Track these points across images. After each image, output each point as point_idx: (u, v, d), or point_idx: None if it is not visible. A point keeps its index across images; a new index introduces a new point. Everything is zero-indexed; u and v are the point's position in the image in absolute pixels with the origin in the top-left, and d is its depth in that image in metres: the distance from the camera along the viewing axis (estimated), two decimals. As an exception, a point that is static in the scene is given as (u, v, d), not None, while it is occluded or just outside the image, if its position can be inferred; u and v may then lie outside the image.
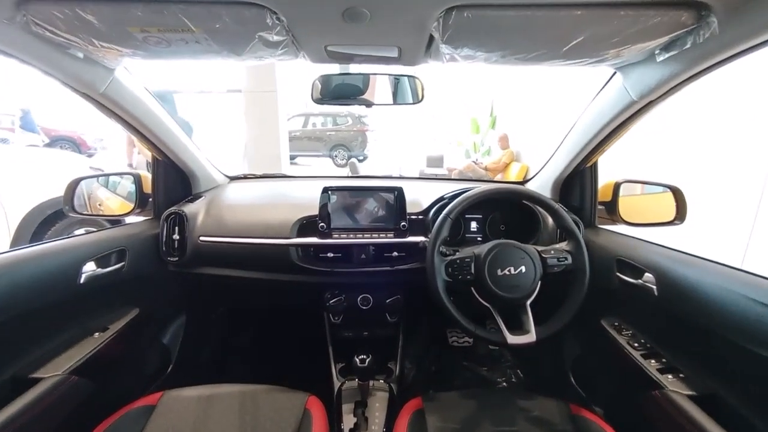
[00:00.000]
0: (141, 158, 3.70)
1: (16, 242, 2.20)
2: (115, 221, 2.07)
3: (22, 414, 0.71)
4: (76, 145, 9.12)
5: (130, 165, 3.69)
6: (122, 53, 0.69)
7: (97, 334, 0.94)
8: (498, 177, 5.80)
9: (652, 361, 0.86)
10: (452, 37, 0.62)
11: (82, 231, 2.57)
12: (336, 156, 9.58)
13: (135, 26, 0.60)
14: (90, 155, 8.95)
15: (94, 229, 2.56)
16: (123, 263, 1.01)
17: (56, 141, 8.86)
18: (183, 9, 0.56)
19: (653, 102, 0.80)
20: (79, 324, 0.92)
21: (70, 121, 8.98)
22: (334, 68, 0.98)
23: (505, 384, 1.46)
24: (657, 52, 0.67)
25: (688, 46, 0.60)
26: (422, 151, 7.91)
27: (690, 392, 0.76)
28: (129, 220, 1.26)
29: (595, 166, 1.15)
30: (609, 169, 1.22)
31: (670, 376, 0.81)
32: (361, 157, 9.40)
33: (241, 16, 0.58)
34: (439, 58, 0.71)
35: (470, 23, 0.58)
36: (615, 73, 0.84)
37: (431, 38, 0.65)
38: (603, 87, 0.91)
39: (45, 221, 2.35)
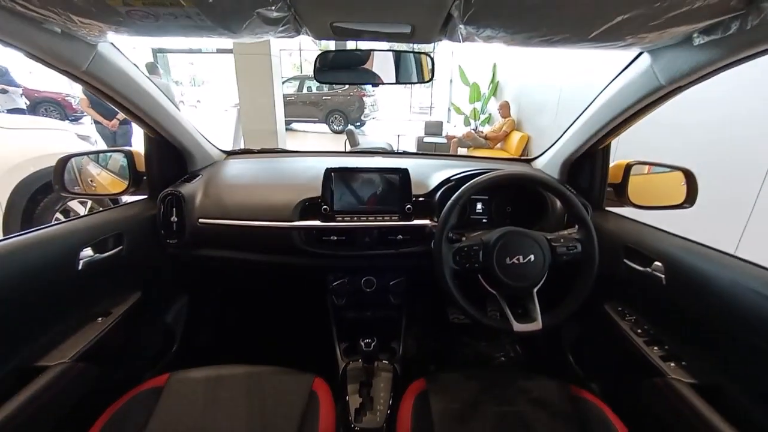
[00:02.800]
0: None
1: (8, 215, 2.15)
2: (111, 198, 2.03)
3: (29, 403, 0.71)
4: (61, 107, 8.74)
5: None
6: (104, 29, 0.62)
7: (100, 319, 0.93)
8: (498, 146, 5.71)
9: (655, 348, 0.87)
10: (474, 17, 0.56)
11: (76, 202, 2.52)
12: (332, 122, 9.33)
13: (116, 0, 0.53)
14: (75, 119, 8.62)
15: (87, 201, 2.51)
16: (121, 247, 0.99)
17: (39, 103, 8.47)
18: None
19: (681, 87, 0.75)
20: (81, 310, 0.91)
21: (53, 81, 8.53)
22: (330, 43, 0.91)
23: (503, 359, 1.50)
24: (696, 35, 0.61)
25: (732, 31, 0.55)
26: (421, 117, 7.72)
27: (692, 380, 0.77)
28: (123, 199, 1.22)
29: (607, 148, 1.11)
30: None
31: (672, 364, 0.82)
32: (359, 124, 9.17)
33: None
34: (455, 37, 0.65)
35: (495, 2, 0.52)
36: (641, 53, 0.78)
37: (449, 16, 0.59)
38: (626, 67, 0.85)
39: (36, 192, 2.28)
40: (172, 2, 0.53)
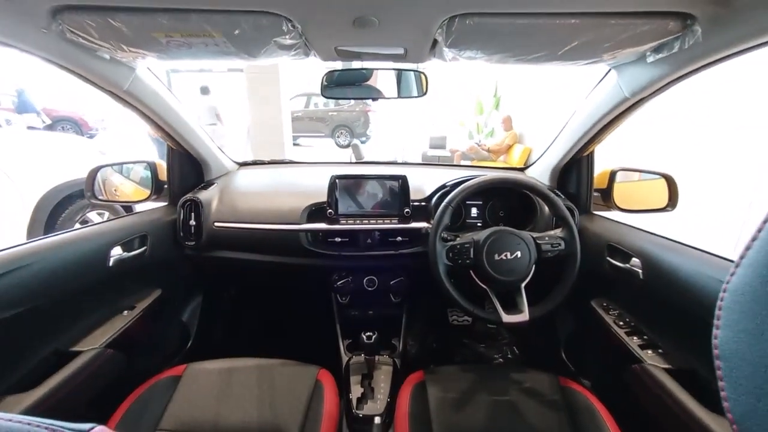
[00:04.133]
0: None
1: (32, 226, 2.27)
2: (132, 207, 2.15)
3: (66, 382, 0.80)
4: (77, 125, 9.04)
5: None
6: (147, 55, 0.74)
7: (126, 312, 1.02)
8: (500, 159, 5.80)
9: (635, 338, 0.93)
10: (455, 42, 0.66)
11: (94, 213, 2.64)
12: (338, 137, 9.51)
13: (160, 32, 0.64)
14: (91, 136, 8.93)
15: (104, 212, 2.63)
16: (145, 247, 1.09)
17: (58, 122, 8.79)
18: (206, 17, 0.60)
19: (644, 99, 0.85)
20: (110, 303, 1.01)
21: (70, 100, 8.86)
22: (337, 63, 1.01)
23: (501, 360, 1.55)
24: (648, 54, 0.71)
25: (675, 50, 0.65)
26: (425, 131, 7.85)
27: (667, 366, 0.84)
28: (144, 206, 1.32)
29: (591, 155, 1.20)
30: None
31: (650, 352, 0.88)
32: (364, 139, 9.34)
33: (259, 23, 0.62)
34: (442, 57, 0.76)
35: (472, 29, 0.63)
36: (610, 70, 0.89)
37: (435, 41, 0.69)
38: (598, 83, 0.96)
39: (58, 205, 2.41)
40: (204, 33, 0.64)
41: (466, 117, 7.55)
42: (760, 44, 0.58)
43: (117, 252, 1.00)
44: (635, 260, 0.95)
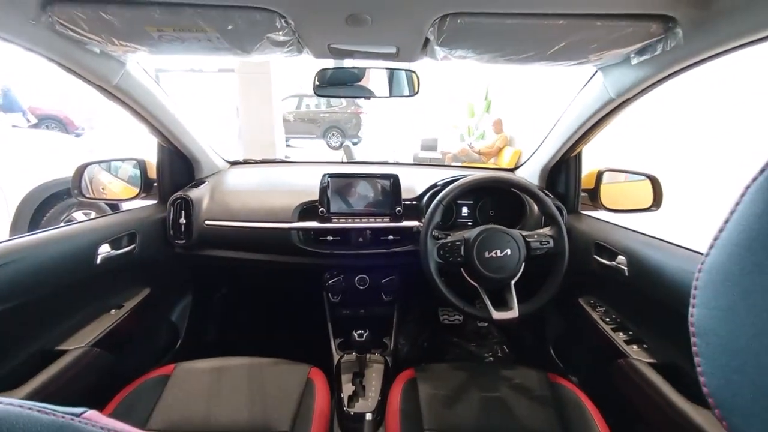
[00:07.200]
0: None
1: (15, 225, 2.22)
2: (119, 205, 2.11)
3: (51, 383, 0.78)
4: (63, 124, 8.87)
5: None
6: (138, 49, 0.73)
7: (113, 310, 1.01)
8: (491, 161, 5.86)
9: (621, 333, 0.96)
10: (447, 40, 0.68)
11: (80, 213, 2.59)
12: (330, 138, 9.50)
13: (152, 26, 0.64)
14: (77, 135, 8.75)
15: (90, 211, 2.58)
16: (134, 245, 1.07)
17: (43, 120, 8.62)
18: (199, 12, 0.61)
19: (629, 100, 0.88)
20: (97, 301, 0.99)
21: (56, 98, 8.67)
22: (329, 61, 1.02)
23: (491, 359, 1.57)
24: (632, 56, 0.74)
25: (658, 52, 0.67)
26: (417, 133, 7.90)
27: (651, 360, 0.86)
28: (133, 204, 1.31)
29: (579, 155, 1.22)
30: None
31: (635, 347, 0.91)
32: (356, 140, 9.35)
33: (252, 19, 0.63)
34: (434, 56, 0.77)
35: (463, 28, 0.64)
36: (596, 72, 0.91)
37: (427, 39, 0.70)
38: (585, 84, 0.98)
39: (43, 203, 2.36)
40: (197, 28, 0.64)
41: (458, 119, 7.61)
42: (739, 46, 0.60)
43: (105, 250, 0.98)
44: (621, 258, 0.97)
